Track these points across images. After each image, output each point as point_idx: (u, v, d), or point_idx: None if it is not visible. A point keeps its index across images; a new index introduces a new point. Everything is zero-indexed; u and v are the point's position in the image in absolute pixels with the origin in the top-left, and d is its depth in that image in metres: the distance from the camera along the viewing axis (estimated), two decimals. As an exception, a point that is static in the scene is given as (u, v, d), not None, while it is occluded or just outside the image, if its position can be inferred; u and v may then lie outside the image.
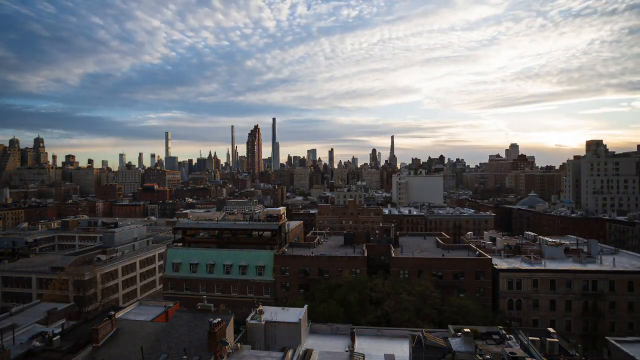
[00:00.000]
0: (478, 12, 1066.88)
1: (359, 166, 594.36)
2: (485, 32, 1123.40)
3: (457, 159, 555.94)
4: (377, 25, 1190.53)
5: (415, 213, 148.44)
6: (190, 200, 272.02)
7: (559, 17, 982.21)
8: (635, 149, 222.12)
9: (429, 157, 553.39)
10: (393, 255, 64.49)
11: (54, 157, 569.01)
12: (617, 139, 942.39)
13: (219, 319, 28.18)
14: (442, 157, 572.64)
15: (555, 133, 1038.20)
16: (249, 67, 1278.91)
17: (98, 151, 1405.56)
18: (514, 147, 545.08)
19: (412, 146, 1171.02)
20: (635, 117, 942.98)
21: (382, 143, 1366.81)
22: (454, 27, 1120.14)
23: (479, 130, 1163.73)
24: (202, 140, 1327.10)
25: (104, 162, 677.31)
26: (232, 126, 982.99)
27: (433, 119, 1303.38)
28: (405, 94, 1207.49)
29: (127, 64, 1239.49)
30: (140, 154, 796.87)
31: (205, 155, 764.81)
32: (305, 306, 38.22)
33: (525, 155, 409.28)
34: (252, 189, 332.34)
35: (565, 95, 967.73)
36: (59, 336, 32.64)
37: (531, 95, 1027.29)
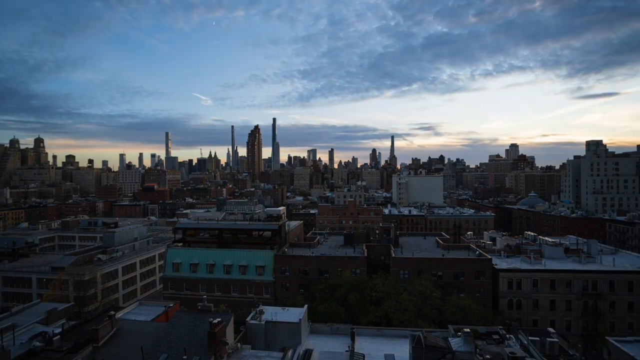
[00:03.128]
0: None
1: (359, 166, 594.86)
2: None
3: (457, 159, 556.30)
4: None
5: (415, 213, 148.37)
6: (191, 200, 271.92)
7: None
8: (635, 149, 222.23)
9: (429, 157, 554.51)
10: (393, 255, 64.46)
11: (54, 157, 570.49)
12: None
13: (219, 319, 28.19)
14: (442, 157, 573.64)
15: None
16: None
17: (98, 151, 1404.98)
18: (514, 147, 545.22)
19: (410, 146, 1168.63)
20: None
21: (381, 144, 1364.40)
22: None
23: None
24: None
25: (104, 162, 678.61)
26: (232, 126, 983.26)
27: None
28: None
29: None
30: (141, 154, 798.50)
31: (205, 156, 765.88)
32: (305, 306, 38.22)
33: (525, 156, 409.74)
34: (253, 189, 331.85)
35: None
36: (59, 336, 32.64)
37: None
